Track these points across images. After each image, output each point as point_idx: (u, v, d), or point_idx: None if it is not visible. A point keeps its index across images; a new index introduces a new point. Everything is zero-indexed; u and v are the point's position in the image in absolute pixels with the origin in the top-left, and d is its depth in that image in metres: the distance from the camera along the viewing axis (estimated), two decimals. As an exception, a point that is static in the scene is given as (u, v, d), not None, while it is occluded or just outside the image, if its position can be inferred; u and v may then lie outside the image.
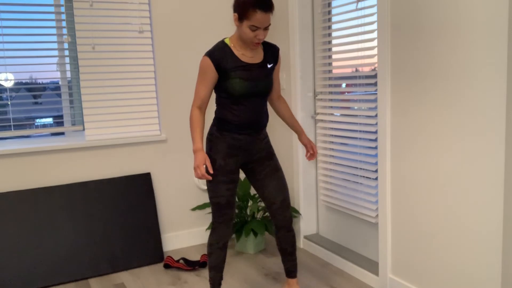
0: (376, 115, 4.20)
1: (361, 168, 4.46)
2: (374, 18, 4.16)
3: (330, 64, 4.80)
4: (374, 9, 4.12)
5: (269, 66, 3.62)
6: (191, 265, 4.78)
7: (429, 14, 3.44)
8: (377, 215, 4.29)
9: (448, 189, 3.47)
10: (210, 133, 3.71)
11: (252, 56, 3.56)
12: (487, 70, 3.07)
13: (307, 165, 5.14)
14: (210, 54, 3.47)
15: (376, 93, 4.09)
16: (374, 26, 4.17)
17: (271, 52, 3.68)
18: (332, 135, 4.82)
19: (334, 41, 4.78)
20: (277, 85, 3.86)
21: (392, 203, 4.01)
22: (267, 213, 5.23)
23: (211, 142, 3.67)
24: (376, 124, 4.18)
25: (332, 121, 4.79)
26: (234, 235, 5.62)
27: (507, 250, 3.10)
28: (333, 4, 4.69)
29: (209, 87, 3.53)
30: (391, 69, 3.85)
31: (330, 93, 4.82)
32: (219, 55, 3.47)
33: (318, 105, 4.96)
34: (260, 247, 5.25)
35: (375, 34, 4.14)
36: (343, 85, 4.65)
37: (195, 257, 5.14)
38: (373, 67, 4.26)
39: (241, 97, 3.52)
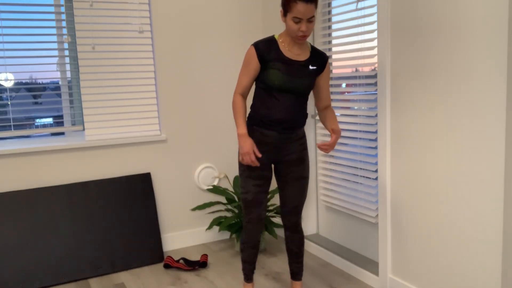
0: (376, 115, 4.20)
1: (361, 168, 4.46)
2: (374, 18, 4.16)
3: (330, 64, 4.79)
4: (374, 9, 4.12)
5: (311, 67, 3.58)
6: (191, 265, 4.78)
7: (429, 14, 3.44)
8: (377, 215, 4.29)
9: (448, 189, 3.47)
10: None
11: (298, 54, 3.55)
12: (487, 69, 3.07)
13: (307, 165, 5.14)
14: (256, 44, 3.51)
15: (376, 93, 4.09)
16: (374, 26, 4.17)
17: (319, 58, 3.63)
18: (332, 135, 4.82)
19: (334, 41, 4.78)
20: (325, 95, 3.76)
21: (392, 203, 4.01)
22: (267, 214, 5.22)
23: None
24: (376, 124, 4.18)
25: (332, 121, 4.79)
26: (234, 235, 5.62)
27: (507, 250, 3.10)
28: (333, 4, 4.69)
29: (251, 76, 3.55)
30: (391, 69, 3.85)
31: (330, 93, 4.82)
32: (265, 46, 3.50)
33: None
34: (260, 247, 5.23)
35: (375, 34, 4.14)
36: (343, 85, 4.65)
37: (195, 257, 5.14)
38: (373, 67, 4.26)
39: (276, 90, 3.51)
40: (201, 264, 4.81)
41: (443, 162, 3.48)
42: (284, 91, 3.52)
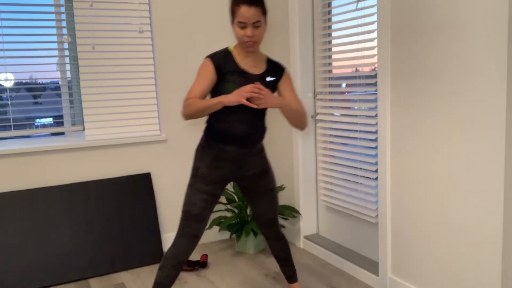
0: (376, 115, 4.21)
1: (361, 168, 4.46)
2: (374, 18, 4.16)
3: (330, 64, 4.80)
4: (374, 9, 4.13)
5: (268, 79, 3.49)
6: (191, 265, 4.78)
7: (428, 14, 3.44)
8: (377, 215, 4.29)
9: (448, 188, 3.47)
10: (199, 143, 3.59)
11: (253, 66, 3.45)
12: (487, 69, 3.07)
13: (307, 165, 5.13)
14: (212, 56, 3.39)
15: (376, 93, 4.10)
16: (374, 26, 4.17)
17: (276, 69, 3.55)
18: (332, 135, 4.82)
19: (334, 41, 4.78)
20: (293, 102, 3.55)
21: (392, 203, 4.01)
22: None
23: (197, 152, 3.56)
24: (376, 124, 4.18)
25: (332, 121, 4.79)
26: (234, 235, 5.63)
27: (507, 250, 3.10)
28: (333, 4, 4.70)
29: (207, 86, 3.36)
30: (391, 69, 3.85)
31: (330, 93, 4.83)
32: (220, 58, 3.39)
33: (318, 105, 4.96)
34: (260, 247, 5.25)
35: (375, 34, 4.15)
36: (343, 85, 4.65)
37: (195, 257, 5.14)
38: (373, 67, 4.26)
39: (237, 107, 3.40)
40: (201, 264, 4.81)
41: (443, 162, 3.48)
42: (245, 106, 3.41)
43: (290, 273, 3.99)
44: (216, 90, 3.42)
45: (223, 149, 3.48)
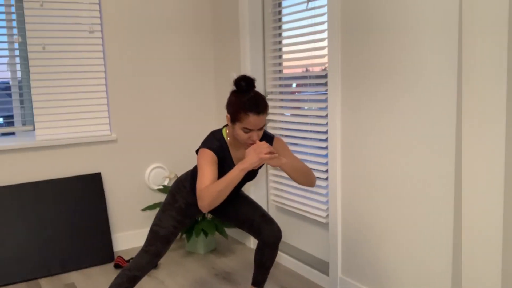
0: (326, 115, 4.22)
1: (311, 169, 4.47)
2: (325, 18, 4.17)
3: (280, 64, 4.81)
4: (325, 9, 4.14)
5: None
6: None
7: (378, 14, 3.46)
8: (327, 215, 4.30)
9: (398, 189, 3.50)
10: (183, 185, 3.54)
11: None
12: (436, 67, 3.11)
13: (258, 165, 5.13)
14: (211, 148, 3.22)
15: (327, 93, 4.11)
16: (325, 26, 4.18)
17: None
18: (282, 135, 4.82)
19: (284, 41, 4.79)
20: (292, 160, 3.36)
21: (342, 204, 4.03)
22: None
23: (180, 190, 3.54)
24: (327, 124, 4.19)
25: (282, 121, 4.80)
26: (184, 235, 5.60)
27: (456, 249, 3.14)
28: (284, 4, 4.70)
29: (216, 173, 3.17)
30: (341, 69, 3.86)
31: (281, 93, 4.83)
32: (219, 150, 3.26)
33: (268, 105, 4.96)
34: (210, 247, 5.24)
35: (325, 34, 4.16)
36: (294, 85, 4.67)
37: (146, 258, 5.11)
38: (323, 67, 4.28)
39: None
40: (151, 265, 4.79)
41: (393, 163, 3.51)
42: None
43: (262, 280, 3.87)
44: None
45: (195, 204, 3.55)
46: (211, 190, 3.01)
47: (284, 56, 4.77)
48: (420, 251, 3.38)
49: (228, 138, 3.33)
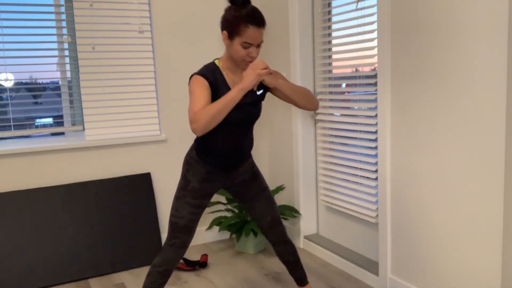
0: (376, 115, 4.20)
1: (361, 168, 4.46)
2: (374, 18, 4.16)
3: (330, 64, 4.80)
4: (374, 9, 4.13)
5: (258, 93, 3.36)
6: (191, 265, 4.78)
7: (428, 14, 3.44)
8: (377, 215, 4.29)
9: (448, 188, 3.47)
10: (189, 155, 3.45)
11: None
12: (487, 69, 3.07)
13: (307, 165, 5.14)
14: (202, 74, 3.18)
15: (376, 93, 4.09)
16: (374, 26, 4.17)
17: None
18: (332, 135, 4.82)
19: (334, 41, 4.78)
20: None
21: (392, 203, 4.01)
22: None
23: (188, 165, 3.43)
24: (376, 124, 4.18)
25: (332, 121, 4.79)
26: (234, 235, 5.62)
27: (507, 250, 3.10)
28: (333, 4, 4.70)
29: (208, 97, 3.11)
30: (391, 69, 3.84)
31: (330, 93, 4.82)
32: (210, 74, 3.20)
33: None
34: (260, 247, 5.25)
35: (375, 34, 4.14)
36: (343, 85, 4.65)
37: (195, 257, 5.14)
38: (373, 67, 4.26)
39: (228, 122, 3.24)
40: (201, 264, 4.81)
41: (443, 162, 3.48)
42: (235, 122, 3.29)
43: (300, 276, 3.84)
44: None
45: (213, 165, 3.41)
46: (208, 110, 2.94)
47: (334, 56, 4.76)
48: (471, 251, 3.34)
49: (221, 64, 3.30)
